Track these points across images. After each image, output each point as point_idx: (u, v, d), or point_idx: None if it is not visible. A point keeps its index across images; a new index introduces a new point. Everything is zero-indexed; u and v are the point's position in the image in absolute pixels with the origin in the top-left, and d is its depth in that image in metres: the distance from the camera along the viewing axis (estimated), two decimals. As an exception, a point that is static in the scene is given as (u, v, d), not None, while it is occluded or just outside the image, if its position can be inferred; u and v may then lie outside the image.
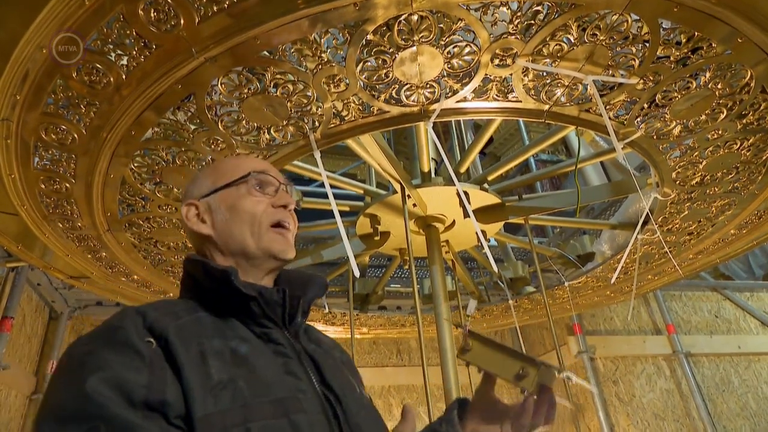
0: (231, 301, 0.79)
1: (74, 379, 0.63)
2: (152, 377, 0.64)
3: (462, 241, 2.89)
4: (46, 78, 1.35)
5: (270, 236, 0.87)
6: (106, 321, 0.73)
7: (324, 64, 1.42)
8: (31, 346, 3.56)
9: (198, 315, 0.78)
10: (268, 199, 0.91)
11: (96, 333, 0.70)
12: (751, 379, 4.50)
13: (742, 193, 2.21)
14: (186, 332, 0.72)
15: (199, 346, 0.71)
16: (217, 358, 0.71)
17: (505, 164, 2.57)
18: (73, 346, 0.70)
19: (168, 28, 1.24)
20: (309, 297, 0.88)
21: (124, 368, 0.63)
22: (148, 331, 0.69)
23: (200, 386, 0.66)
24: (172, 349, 0.68)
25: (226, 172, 0.92)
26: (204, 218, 0.90)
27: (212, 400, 0.66)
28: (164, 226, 2.11)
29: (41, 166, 1.67)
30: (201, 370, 0.68)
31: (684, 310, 4.78)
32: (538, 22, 1.35)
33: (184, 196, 0.97)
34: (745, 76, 1.55)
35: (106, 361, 0.64)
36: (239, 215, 0.88)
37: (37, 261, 2.37)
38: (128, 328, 0.68)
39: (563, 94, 1.63)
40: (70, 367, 0.67)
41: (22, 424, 3.40)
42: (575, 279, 3.29)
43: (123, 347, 0.66)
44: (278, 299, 0.82)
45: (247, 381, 0.70)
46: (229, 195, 0.90)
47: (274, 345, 0.79)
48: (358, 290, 3.49)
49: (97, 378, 0.61)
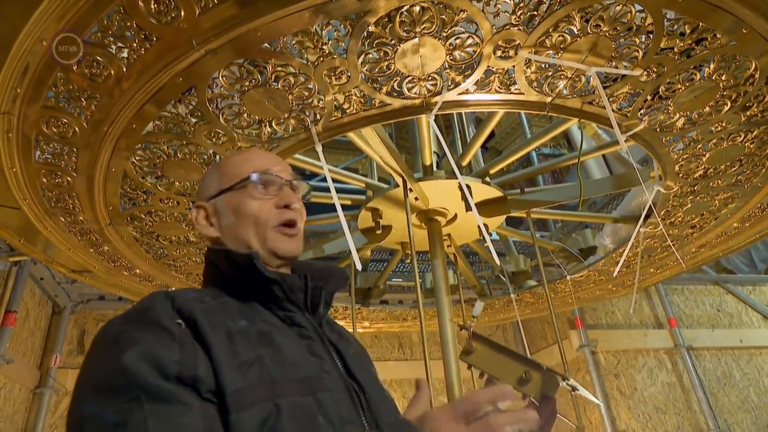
0: (254, 285, 0.81)
1: (111, 355, 0.65)
2: (184, 354, 0.66)
3: (464, 234, 2.89)
4: (46, 71, 1.34)
5: (274, 236, 0.88)
6: (137, 303, 0.74)
7: (325, 56, 1.41)
8: (35, 340, 3.58)
9: (223, 300, 0.79)
10: (271, 199, 0.90)
11: (127, 315, 0.72)
12: (753, 373, 4.51)
13: (746, 186, 2.20)
14: (212, 315, 0.73)
15: (225, 327, 0.72)
16: (243, 338, 0.72)
17: (507, 158, 2.56)
18: (106, 327, 0.71)
19: (168, 20, 1.24)
20: (331, 288, 0.89)
21: (156, 345, 0.65)
22: (177, 312, 0.71)
23: (229, 363, 0.67)
24: (200, 329, 0.70)
25: (230, 172, 0.92)
26: (212, 221, 0.91)
27: (241, 376, 0.67)
28: (166, 219, 2.11)
29: (43, 159, 1.67)
30: (229, 348, 0.69)
31: (686, 303, 4.78)
32: (541, 13, 1.34)
33: (197, 194, 0.98)
34: (749, 67, 1.54)
35: (140, 339, 0.66)
36: (244, 218, 0.88)
37: (39, 255, 2.37)
38: (158, 309, 0.70)
39: (566, 86, 1.62)
40: (105, 345, 0.68)
41: (26, 418, 3.42)
42: (577, 273, 3.28)
43: (154, 327, 0.68)
44: (300, 285, 0.83)
45: (273, 360, 0.71)
46: (233, 197, 0.90)
47: (297, 328, 0.80)
48: (360, 284, 3.49)
49: (132, 352, 0.63)
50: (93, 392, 0.63)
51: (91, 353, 0.70)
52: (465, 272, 3.52)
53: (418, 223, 2.65)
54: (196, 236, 2.29)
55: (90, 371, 0.67)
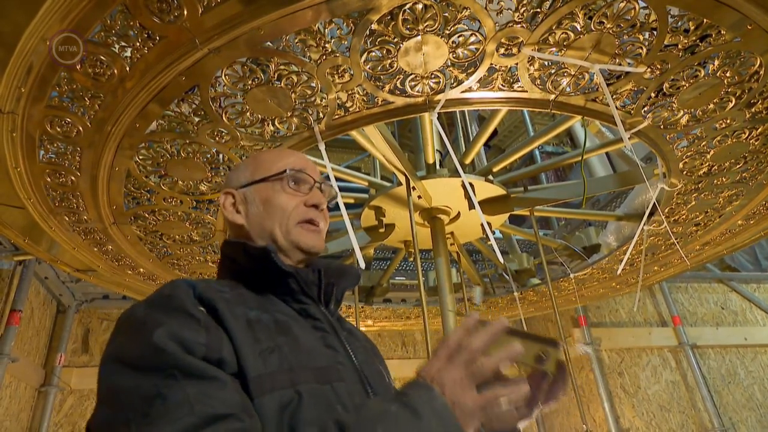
0: (270, 278, 0.83)
1: (140, 336, 0.65)
2: (209, 337, 0.67)
3: (467, 232, 2.88)
4: (50, 71, 1.35)
5: (298, 231, 0.90)
6: (158, 291, 0.75)
7: (328, 54, 1.41)
8: (40, 339, 3.59)
9: (240, 291, 0.81)
10: (301, 197, 0.93)
11: (151, 300, 0.72)
12: (757, 371, 4.49)
13: (750, 184, 2.19)
14: (232, 304, 0.74)
15: (245, 315, 0.74)
16: (262, 327, 0.74)
17: (510, 155, 2.56)
18: (131, 311, 0.71)
19: (171, 19, 1.24)
20: (342, 286, 0.91)
21: (182, 328, 0.66)
22: (198, 300, 0.72)
23: (250, 349, 0.69)
24: (221, 316, 0.71)
25: (265, 166, 0.95)
26: (239, 208, 0.93)
27: (262, 362, 0.68)
28: (170, 218, 2.11)
29: (47, 159, 1.68)
30: (250, 335, 0.71)
31: (690, 301, 4.76)
32: (544, 10, 1.34)
33: (225, 183, 1.00)
34: (754, 63, 1.53)
35: (166, 321, 0.66)
36: (271, 209, 0.91)
37: (44, 254, 2.38)
38: (181, 296, 0.71)
39: (569, 83, 1.61)
40: (133, 327, 0.69)
41: (32, 416, 3.44)
42: (581, 271, 3.28)
43: (179, 312, 0.69)
44: (314, 279, 0.85)
45: (290, 348, 0.73)
46: (265, 189, 0.93)
47: (312, 320, 0.82)
48: (363, 283, 3.49)
49: (161, 332, 0.64)
50: (126, 368, 0.63)
51: (117, 335, 0.70)
52: (468, 270, 3.51)
53: (421, 222, 2.65)
54: (200, 235, 2.30)
55: (120, 351, 0.67)
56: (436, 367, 0.64)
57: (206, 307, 0.72)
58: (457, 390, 0.61)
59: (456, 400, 0.61)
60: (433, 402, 0.60)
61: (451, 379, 0.62)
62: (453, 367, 0.63)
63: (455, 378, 0.62)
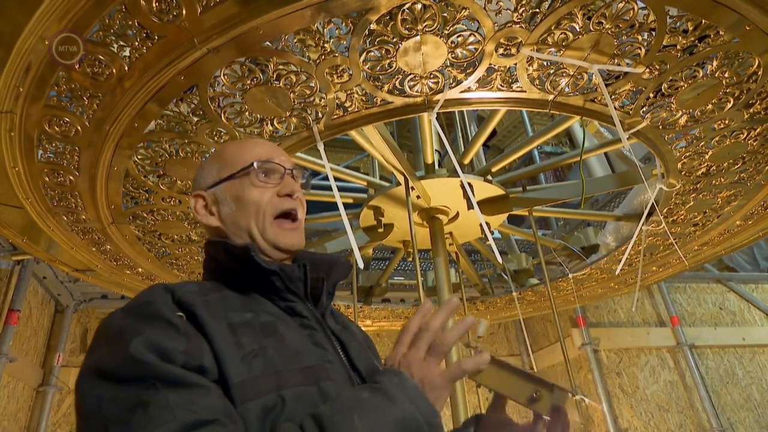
0: (253, 277, 0.81)
1: (117, 347, 0.64)
2: (189, 345, 0.65)
3: (466, 233, 2.88)
4: (48, 70, 1.34)
5: (274, 231, 0.87)
6: (135, 297, 0.73)
7: (327, 54, 1.41)
8: (38, 338, 3.59)
9: (223, 293, 0.79)
10: (272, 187, 0.89)
11: (128, 308, 0.71)
12: (755, 371, 4.50)
13: (749, 184, 2.19)
14: (213, 307, 0.73)
15: (227, 319, 0.72)
16: (246, 330, 0.72)
17: (509, 156, 2.56)
18: (108, 321, 0.70)
19: (170, 19, 1.24)
20: (333, 279, 0.89)
21: (161, 337, 0.64)
22: (177, 305, 0.70)
23: (233, 355, 0.67)
24: (201, 322, 0.69)
25: (230, 161, 0.91)
26: (212, 210, 0.90)
27: (245, 367, 0.67)
28: (168, 218, 2.11)
29: (45, 158, 1.67)
30: (231, 340, 0.69)
31: (688, 302, 4.77)
32: (543, 10, 1.34)
33: (193, 184, 0.96)
34: (752, 64, 1.53)
35: (143, 330, 0.65)
36: (244, 206, 0.87)
37: (42, 254, 2.38)
38: (158, 302, 0.70)
39: (568, 83, 1.61)
40: (109, 338, 0.67)
41: (30, 416, 3.43)
42: (579, 271, 3.28)
43: (156, 320, 0.67)
44: (299, 275, 0.83)
45: (276, 350, 0.71)
46: (234, 186, 0.89)
47: (299, 318, 0.80)
48: (362, 283, 3.49)
49: (137, 342, 0.62)
50: (105, 380, 0.62)
51: (95, 347, 0.69)
52: (467, 270, 3.51)
53: (420, 222, 2.65)
54: (198, 235, 2.29)
55: (98, 363, 0.65)
56: (401, 352, 0.69)
57: (185, 313, 0.70)
58: (424, 369, 0.67)
59: (424, 379, 0.66)
60: (403, 385, 0.64)
61: (417, 360, 0.68)
62: (416, 349, 0.69)
63: (420, 358, 0.68)
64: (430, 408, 0.64)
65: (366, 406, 0.61)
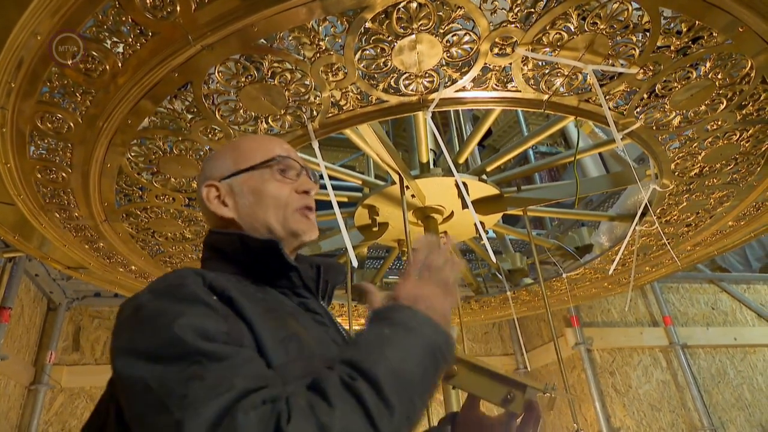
0: (270, 272, 0.81)
1: (157, 327, 0.62)
2: (230, 326, 0.64)
3: (461, 232, 2.89)
4: (41, 66, 1.33)
5: (296, 218, 0.88)
6: (162, 280, 0.71)
7: (322, 52, 1.41)
8: (30, 336, 3.56)
9: (241, 282, 0.78)
10: (290, 183, 0.90)
11: (158, 290, 0.68)
12: (747, 371, 4.53)
13: (741, 185, 2.21)
14: (243, 292, 0.72)
15: (257, 304, 0.71)
16: (275, 315, 0.72)
17: (504, 155, 2.56)
18: (138, 302, 0.67)
19: (164, 15, 1.23)
20: (333, 283, 0.91)
21: (202, 318, 0.63)
22: (210, 289, 0.69)
23: (272, 338, 0.67)
24: (237, 305, 0.68)
25: (248, 153, 0.91)
26: (226, 201, 0.88)
27: (283, 350, 0.67)
28: (162, 216, 2.10)
29: (37, 155, 1.66)
30: (267, 323, 0.69)
31: (681, 302, 4.80)
32: (538, 10, 1.34)
33: (202, 175, 0.94)
34: (745, 66, 1.54)
35: (182, 312, 0.63)
36: (264, 200, 0.87)
37: (34, 251, 2.36)
38: (191, 285, 0.67)
39: (563, 83, 1.62)
40: (146, 319, 0.64)
41: (21, 415, 3.41)
42: (573, 271, 3.29)
43: (194, 301, 0.65)
44: (312, 275, 0.85)
45: (308, 336, 0.73)
46: (252, 178, 0.88)
47: (312, 314, 0.81)
48: (357, 281, 3.49)
49: (181, 323, 0.61)
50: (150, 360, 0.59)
51: (127, 329, 0.66)
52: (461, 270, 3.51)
53: (415, 221, 2.65)
54: (192, 233, 2.28)
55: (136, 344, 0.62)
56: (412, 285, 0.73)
57: (219, 297, 0.68)
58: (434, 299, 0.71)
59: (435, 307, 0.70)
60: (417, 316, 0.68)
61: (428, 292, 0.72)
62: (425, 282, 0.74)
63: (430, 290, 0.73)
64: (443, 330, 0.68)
65: (392, 340, 0.63)
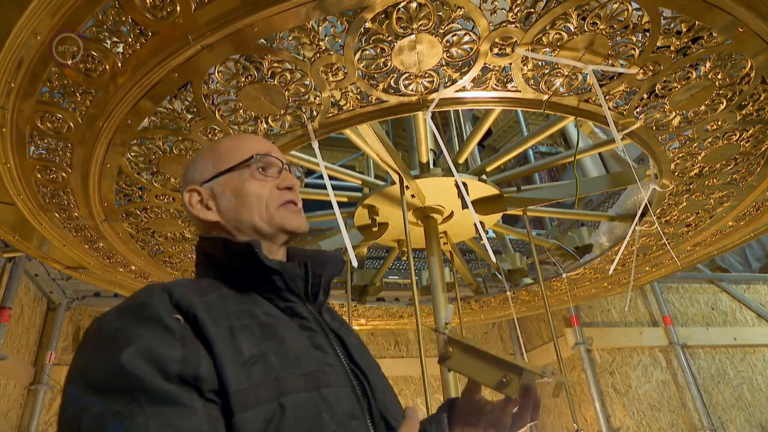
0: (253, 276, 0.79)
1: (108, 352, 0.62)
2: (185, 351, 0.63)
3: (460, 232, 2.89)
4: (40, 65, 1.33)
5: (281, 214, 0.86)
6: (131, 297, 0.70)
7: (322, 52, 1.41)
8: (29, 336, 3.56)
9: (222, 292, 0.76)
10: (271, 181, 0.89)
11: (123, 308, 0.68)
12: (747, 371, 4.53)
13: (741, 185, 2.21)
14: (213, 309, 0.70)
15: (227, 321, 0.70)
16: (246, 333, 0.70)
17: (504, 155, 2.56)
18: (102, 321, 0.67)
19: (164, 15, 1.23)
20: (328, 275, 0.87)
21: (156, 343, 0.62)
22: (175, 307, 0.67)
23: (232, 361, 0.65)
24: (201, 324, 0.67)
25: (227, 155, 0.90)
26: (209, 204, 0.88)
27: (245, 375, 0.65)
28: (162, 216, 2.10)
29: (37, 155, 1.66)
30: (231, 345, 0.67)
31: (681, 302, 4.80)
32: (538, 10, 1.34)
33: (183, 180, 0.93)
34: (745, 66, 1.54)
35: (138, 336, 0.62)
36: (245, 200, 0.86)
37: (34, 251, 2.36)
38: (156, 304, 0.67)
39: (563, 83, 1.62)
40: (102, 341, 0.65)
41: (21, 414, 3.41)
42: (573, 271, 3.29)
43: (153, 323, 0.65)
44: (300, 274, 0.81)
45: (276, 354, 0.70)
46: (233, 179, 0.87)
47: (299, 319, 0.79)
48: (357, 281, 3.49)
49: (131, 351, 0.60)
50: (90, 390, 0.60)
51: (85, 349, 0.66)
52: (461, 270, 3.52)
53: (415, 221, 2.65)
54: (192, 233, 2.28)
55: (86, 368, 0.63)
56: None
57: (184, 315, 0.67)
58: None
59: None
60: None
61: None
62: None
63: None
64: None
65: None
